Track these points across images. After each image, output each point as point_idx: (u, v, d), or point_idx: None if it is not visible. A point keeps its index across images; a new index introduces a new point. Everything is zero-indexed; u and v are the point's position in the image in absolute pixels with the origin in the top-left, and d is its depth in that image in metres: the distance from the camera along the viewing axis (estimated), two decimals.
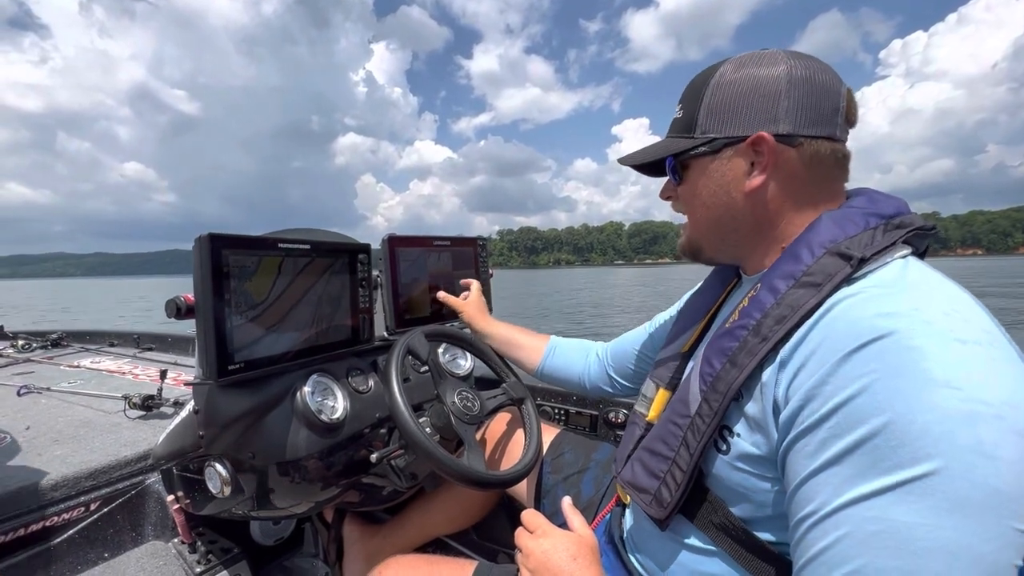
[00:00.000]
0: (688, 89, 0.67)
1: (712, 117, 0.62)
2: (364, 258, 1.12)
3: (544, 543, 0.69)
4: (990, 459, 0.39)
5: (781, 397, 0.51)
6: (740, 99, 0.60)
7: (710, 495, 0.61)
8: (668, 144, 0.68)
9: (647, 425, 0.76)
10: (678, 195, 0.71)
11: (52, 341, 2.60)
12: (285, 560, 1.43)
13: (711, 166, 0.63)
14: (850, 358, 0.45)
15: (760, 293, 0.58)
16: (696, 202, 0.67)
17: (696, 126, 0.64)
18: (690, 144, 0.64)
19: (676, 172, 0.68)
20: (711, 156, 0.63)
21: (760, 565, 0.56)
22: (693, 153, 0.64)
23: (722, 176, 0.63)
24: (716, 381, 0.58)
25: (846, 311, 0.49)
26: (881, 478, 0.41)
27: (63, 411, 1.47)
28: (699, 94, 0.64)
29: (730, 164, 0.62)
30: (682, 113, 0.66)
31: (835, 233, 0.56)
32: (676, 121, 0.68)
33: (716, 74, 0.63)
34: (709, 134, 0.63)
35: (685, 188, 0.68)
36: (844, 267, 0.52)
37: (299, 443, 0.92)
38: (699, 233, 0.69)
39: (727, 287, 0.80)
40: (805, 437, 0.47)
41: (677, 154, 0.66)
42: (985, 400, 0.40)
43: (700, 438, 0.59)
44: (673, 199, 0.72)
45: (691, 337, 0.79)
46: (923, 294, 0.48)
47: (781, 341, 0.52)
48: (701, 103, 0.63)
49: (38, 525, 0.99)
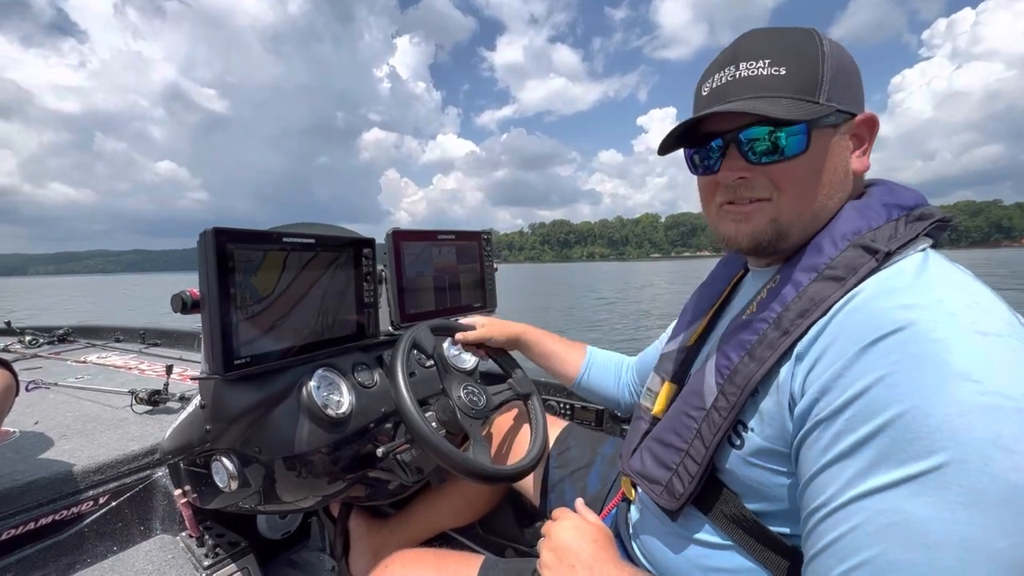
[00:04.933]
0: (780, 46, 0.57)
1: (837, 86, 0.56)
2: (369, 252, 1.12)
3: (566, 524, 0.71)
4: (1009, 453, 0.38)
5: (797, 390, 0.50)
6: (850, 74, 0.57)
7: (723, 488, 0.60)
8: (787, 106, 0.54)
9: (653, 419, 0.75)
10: (765, 172, 0.58)
11: (59, 336, 2.61)
12: (292, 554, 1.44)
13: (833, 139, 0.57)
14: (869, 349, 0.44)
15: (781, 285, 0.57)
16: (812, 180, 0.57)
17: (820, 91, 0.55)
18: (821, 112, 0.55)
19: (802, 143, 0.56)
20: (833, 128, 0.57)
21: (773, 558, 0.56)
22: (824, 122, 0.56)
23: (842, 152, 0.58)
24: (734, 375, 0.57)
25: (866, 303, 0.48)
26: (896, 470, 0.41)
27: (71, 406, 1.48)
28: (813, 56, 0.56)
29: (844, 141, 0.58)
30: (785, 72, 0.55)
31: (859, 224, 0.55)
32: (773, 79, 0.56)
33: (818, 38, 0.56)
34: (834, 103, 0.55)
35: (799, 163, 0.56)
36: (869, 260, 0.51)
37: (305, 437, 0.92)
38: (798, 215, 0.58)
39: (732, 280, 0.79)
40: (820, 428, 0.46)
41: (812, 119, 0.55)
42: (1006, 393, 0.39)
43: (716, 431, 0.58)
44: (747, 180, 0.59)
45: (697, 330, 0.78)
46: (946, 286, 0.47)
47: (802, 335, 0.51)
48: (823, 66, 0.55)
49: (47, 519, 0.99)
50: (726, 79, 0.59)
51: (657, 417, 0.75)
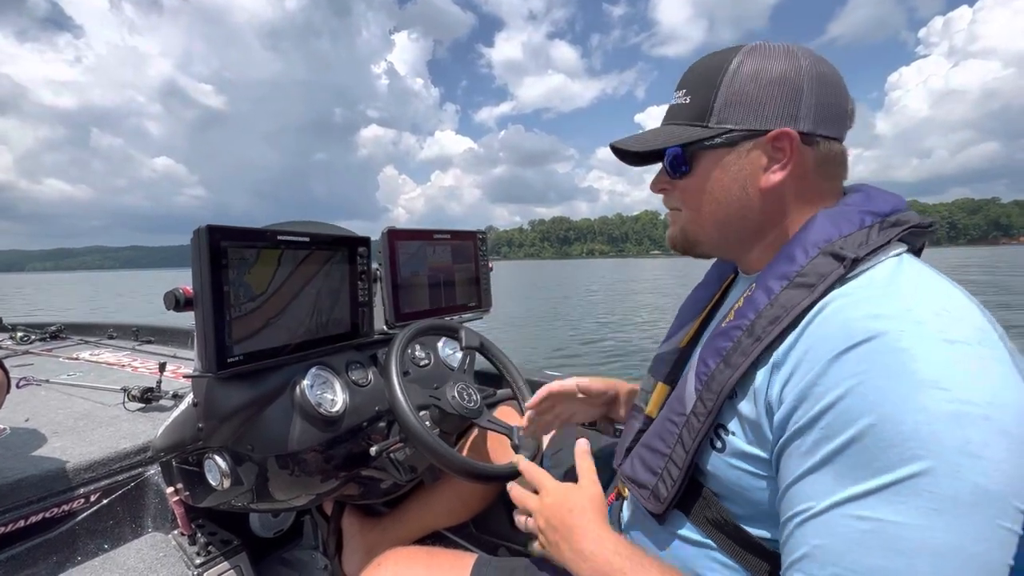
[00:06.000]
0: (694, 75, 0.63)
1: (731, 107, 0.59)
2: (364, 251, 1.12)
3: (546, 500, 0.71)
4: (977, 459, 0.39)
5: (775, 399, 0.50)
6: (762, 91, 0.58)
7: (705, 491, 0.61)
8: (677, 132, 0.63)
9: (646, 419, 0.76)
10: (675, 187, 0.66)
11: (51, 333, 2.59)
12: (285, 552, 1.44)
13: (726, 159, 0.60)
14: (839, 359, 0.45)
15: (755, 293, 0.57)
16: (704, 196, 0.63)
17: (711, 115, 0.60)
18: (705, 134, 0.60)
19: (682, 163, 0.63)
20: (727, 148, 0.60)
21: (753, 561, 0.57)
22: (708, 144, 0.61)
23: (739, 170, 0.60)
24: (710, 380, 0.58)
25: (837, 312, 0.48)
26: (871, 479, 0.41)
27: (62, 403, 1.47)
28: (713, 82, 0.60)
29: (748, 158, 0.59)
30: (689, 100, 0.62)
31: (829, 232, 0.55)
32: (681, 107, 0.64)
33: (732, 63, 0.60)
34: (726, 124, 0.59)
35: (691, 181, 0.64)
36: (837, 268, 0.51)
37: (298, 436, 0.92)
38: (700, 228, 0.66)
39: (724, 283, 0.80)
40: (798, 439, 0.47)
41: (687, 144, 0.62)
42: (972, 400, 0.40)
43: (695, 436, 0.59)
44: (667, 192, 0.68)
45: (689, 332, 0.79)
46: (915, 294, 0.47)
47: (775, 342, 0.52)
48: (717, 91, 0.60)
49: (38, 516, 0.99)
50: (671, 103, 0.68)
51: (650, 417, 0.75)
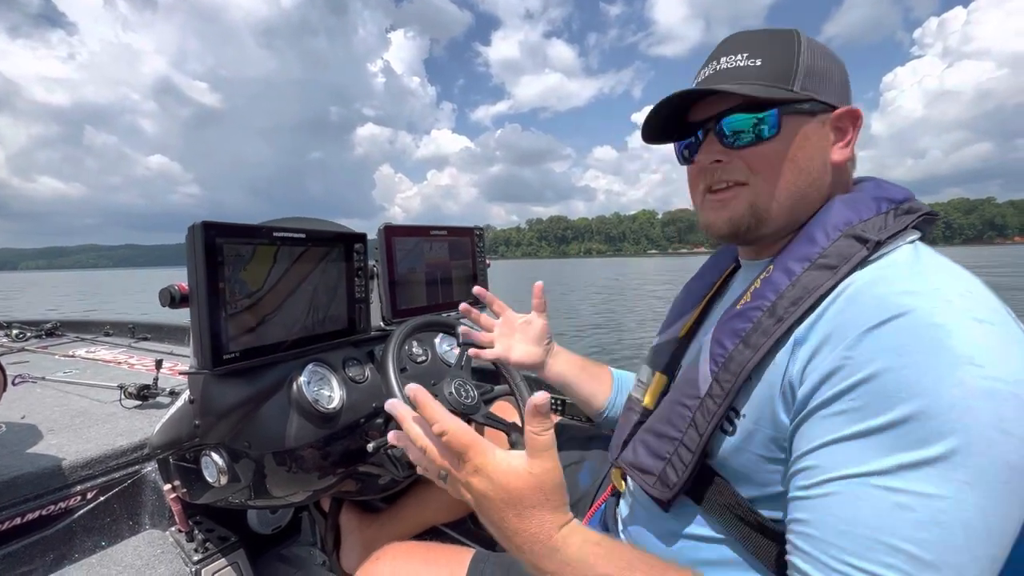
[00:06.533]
0: (757, 40, 0.61)
1: (810, 77, 0.59)
2: (360, 247, 1.11)
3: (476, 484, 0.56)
4: (1009, 436, 0.40)
5: (796, 377, 0.51)
6: (831, 69, 0.60)
7: (715, 476, 0.61)
8: (765, 91, 0.58)
9: (643, 411, 0.76)
10: (739, 157, 0.61)
11: (47, 330, 2.59)
12: (282, 548, 1.44)
13: (807, 127, 0.59)
14: (873, 332, 0.45)
15: (774, 275, 0.58)
16: (787, 164, 0.59)
17: (795, 80, 0.58)
18: (794, 97, 0.58)
19: (774, 125, 0.58)
20: (809, 116, 0.59)
21: (764, 543, 0.57)
22: (798, 108, 0.59)
23: (819, 141, 0.60)
24: (728, 362, 0.57)
25: (868, 287, 0.49)
26: (904, 452, 0.42)
27: (58, 400, 1.46)
28: (791, 47, 0.59)
29: (823, 131, 0.60)
30: (761, 62, 0.59)
31: (849, 216, 0.56)
32: (750, 69, 0.59)
33: (799, 35, 0.60)
34: (809, 92, 0.58)
35: (771, 146, 0.59)
36: (860, 250, 0.52)
37: (295, 432, 0.92)
38: (775, 201, 0.60)
39: (724, 273, 0.80)
40: (824, 409, 0.47)
41: (783, 102, 0.58)
42: (1003, 378, 0.41)
43: (710, 418, 0.58)
44: (723, 164, 0.62)
45: (688, 322, 0.79)
46: (940, 275, 0.49)
47: (796, 323, 0.53)
48: (798, 58, 0.59)
49: (34, 514, 0.99)
50: (708, 73, 0.63)
51: (648, 408, 0.75)
